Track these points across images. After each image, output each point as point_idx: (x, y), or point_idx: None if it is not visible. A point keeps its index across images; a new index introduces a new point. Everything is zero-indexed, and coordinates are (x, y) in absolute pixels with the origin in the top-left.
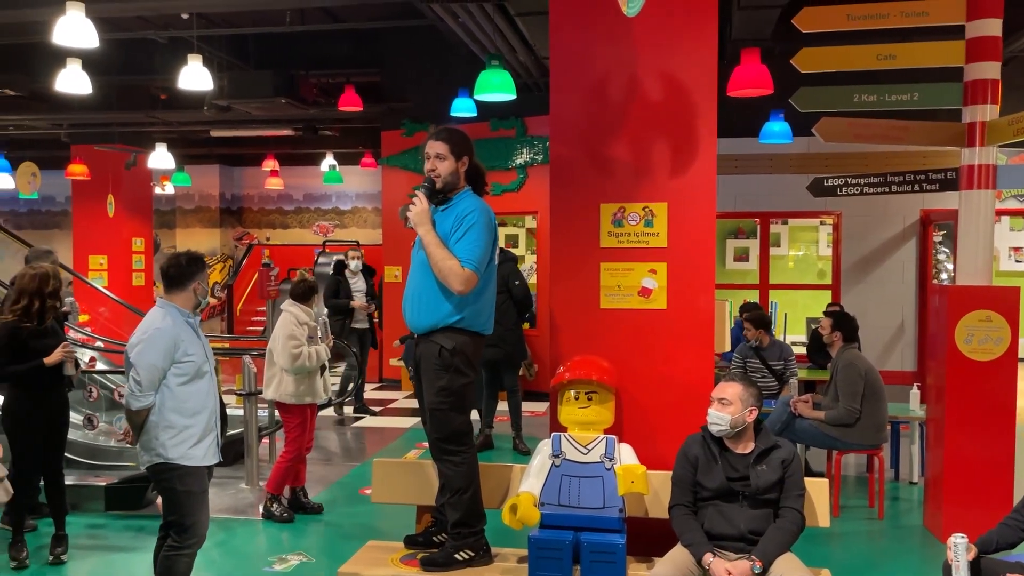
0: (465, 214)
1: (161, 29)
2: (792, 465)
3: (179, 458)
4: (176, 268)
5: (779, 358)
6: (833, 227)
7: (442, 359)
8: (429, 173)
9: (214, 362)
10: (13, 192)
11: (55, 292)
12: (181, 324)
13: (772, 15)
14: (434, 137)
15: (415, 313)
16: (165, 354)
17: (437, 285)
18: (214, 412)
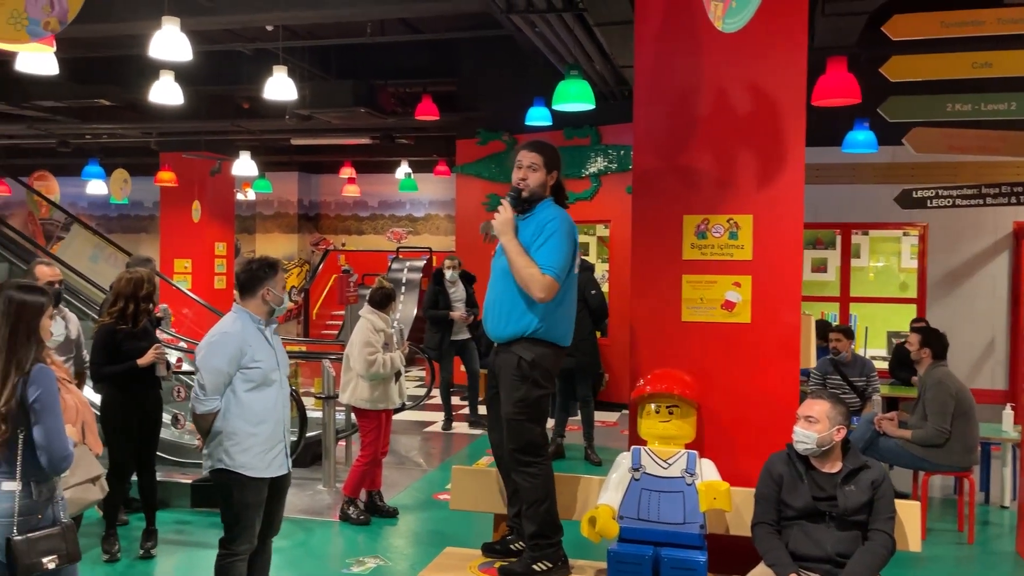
0: (546, 222)
1: (247, 41)
2: (883, 486)
3: (240, 467)
4: (247, 274)
5: (861, 374)
6: (919, 239)
7: (521, 370)
8: (519, 182)
9: (287, 371)
10: (105, 197)
11: (148, 296)
12: (251, 330)
13: (858, 22)
14: (528, 148)
15: (496, 322)
16: (229, 359)
17: (518, 294)
18: (282, 423)
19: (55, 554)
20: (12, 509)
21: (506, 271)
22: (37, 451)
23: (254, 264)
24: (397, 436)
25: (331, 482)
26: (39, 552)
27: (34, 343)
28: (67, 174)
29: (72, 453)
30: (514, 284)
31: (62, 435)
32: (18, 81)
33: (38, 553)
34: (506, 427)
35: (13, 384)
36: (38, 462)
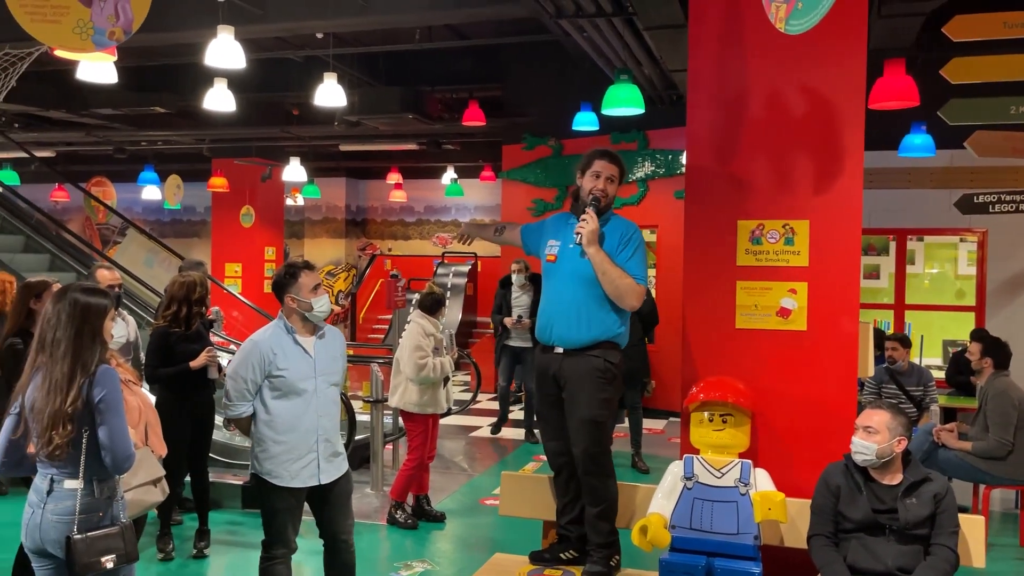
0: (630, 234)
1: (297, 48)
2: (946, 500)
3: (266, 474)
4: (273, 282)
5: (918, 384)
6: (978, 245)
7: (607, 374)
8: (598, 192)
9: (337, 379)
10: (159, 202)
11: (201, 299)
12: (281, 338)
13: (915, 23)
14: (608, 159)
15: (574, 328)
16: (250, 366)
17: (600, 301)
18: (314, 432)
19: (113, 553)
20: (74, 507)
21: (584, 277)
22: (101, 451)
23: (279, 271)
24: (442, 441)
25: (379, 486)
26: (98, 551)
27: (98, 344)
28: (122, 180)
29: (134, 453)
30: (594, 291)
31: (126, 435)
32: (78, 89)
33: (97, 552)
34: (584, 430)
35: (79, 385)
36: (101, 462)
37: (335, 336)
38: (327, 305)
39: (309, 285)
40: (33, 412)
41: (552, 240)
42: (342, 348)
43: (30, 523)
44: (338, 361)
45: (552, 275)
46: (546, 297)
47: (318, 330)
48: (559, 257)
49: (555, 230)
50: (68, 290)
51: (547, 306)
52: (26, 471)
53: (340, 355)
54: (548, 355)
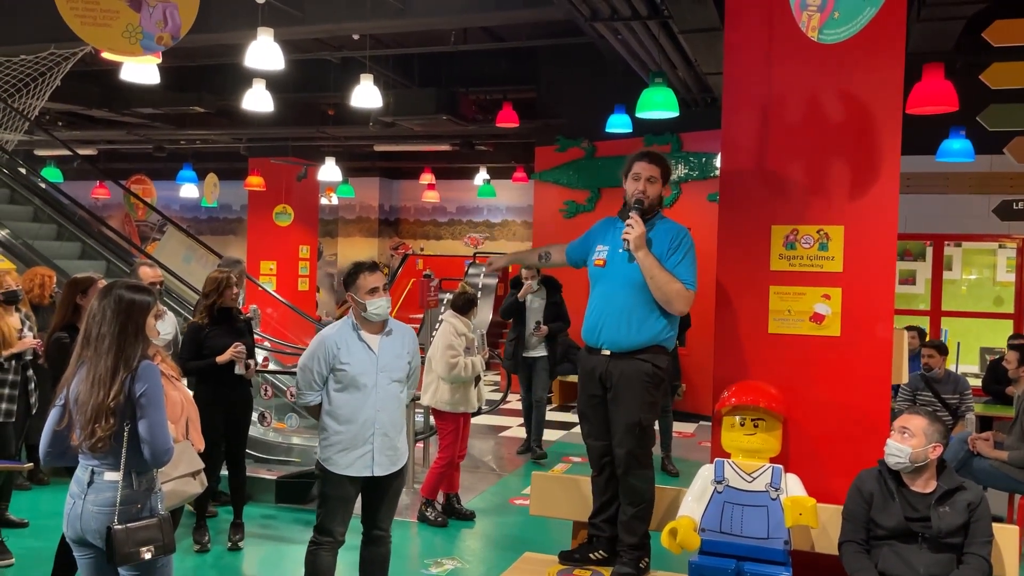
0: (680, 237)
1: (334, 49)
2: (980, 509)
3: (324, 461)
4: (343, 277)
5: (954, 391)
6: (1017, 251)
7: (655, 378)
8: (639, 194)
9: (400, 375)
10: (196, 200)
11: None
12: (346, 333)
13: (955, 27)
14: (648, 160)
15: (624, 332)
16: (316, 358)
17: (650, 305)
18: (372, 425)
19: (152, 544)
20: (114, 499)
21: (633, 282)
22: (141, 444)
23: (345, 270)
24: (472, 441)
25: (410, 483)
26: (137, 542)
27: (141, 340)
28: (161, 178)
29: (173, 447)
30: (643, 295)
31: (165, 430)
32: (119, 89)
33: (136, 543)
34: (630, 432)
35: (122, 380)
36: (141, 455)
37: (404, 335)
38: (383, 309)
39: (366, 287)
40: (77, 405)
41: (600, 245)
42: (411, 347)
43: (71, 513)
44: (403, 359)
45: (601, 279)
46: (595, 301)
47: (385, 327)
48: (608, 261)
49: (603, 235)
50: (113, 287)
51: (596, 309)
52: (69, 461)
53: (407, 353)
54: (595, 356)
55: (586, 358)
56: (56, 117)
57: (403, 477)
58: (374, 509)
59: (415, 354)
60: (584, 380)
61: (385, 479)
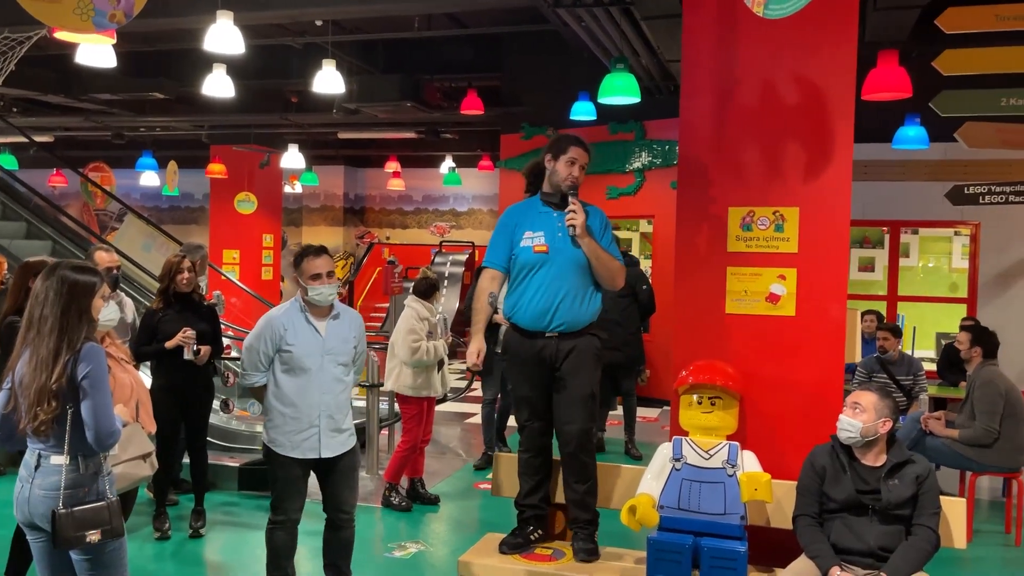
0: (605, 218)
1: (296, 35)
2: (927, 481)
3: (270, 442)
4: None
5: (908, 373)
6: (971, 238)
7: (602, 350)
8: (573, 180)
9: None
10: (157, 189)
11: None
12: (293, 315)
13: (910, 16)
14: (583, 147)
15: (576, 312)
16: (261, 338)
17: (593, 283)
18: (317, 407)
19: (98, 528)
20: (59, 483)
21: (580, 264)
22: (85, 427)
23: (296, 252)
24: (438, 427)
25: (374, 469)
26: (82, 526)
27: (85, 322)
28: (121, 166)
29: (118, 430)
30: (587, 275)
31: (109, 412)
32: (77, 74)
33: (82, 526)
34: (583, 406)
35: (64, 362)
36: (86, 438)
37: (352, 319)
38: (325, 295)
39: (310, 272)
40: (22, 388)
41: (529, 232)
42: (358, 331)
43: (20, 497)
44: (349, 343)
45: (546, 264)
46: (541, 285)
47: (332, 311)
48: (551, 247)
49: (527, 221)
50: (57, 267)
51: (545, 293)
52: (18, 445)
53: (353, 337)
54: (539, 340)
55: (526, 343)
56: (11, 103)
57: (355, 456)
58: (332, 492)
59: (361, 338)
60: (527, 365)
61: (335, 460)
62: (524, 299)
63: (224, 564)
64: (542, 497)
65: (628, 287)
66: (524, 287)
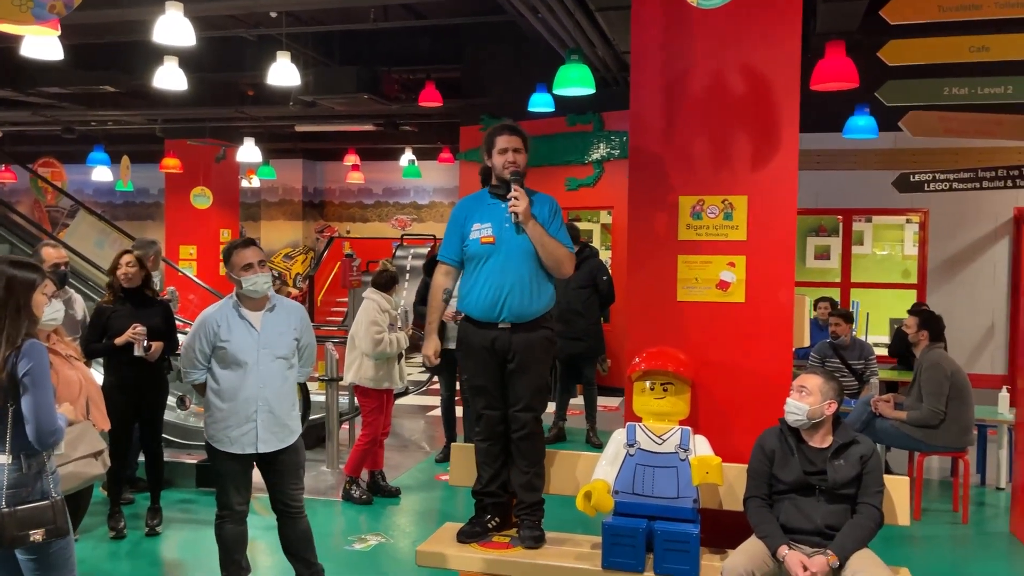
0: (555, 205)
1: (251, 27)
2: (871, 461)
3: (210, 439)
4: (222, 256)
5: (859, 357)
6: (920, 225)
7: (553, 340)
8: (512, 166)
9: (285, 352)
10: (111, 184)
11: (113, 272)
12: (227, 311)
13: (859, 7)
14: (508, 132)
15: (525, 302)
16: (196, 336)
17: (540, 274)
18: (253, 402)
19: (42, 528)
20: (1, 482)
21: (527, 253)
22: (26, 425)
23: (224, 247)
24: (400, 420)
25: (334, 463)
26: (26, 525)
27: (24, 318)
28: (72, 161)
29: (60, 428)
30: (535, 264)
31: (50, 410)
32: (23, 67)
33: (25, 526)
34: (537, 395)
35: (3, 358)
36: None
37: (291, 312)
38: (259, 285)
39: (240, 263)
40: None
41: (477, 224)
42: (298, 323)
43: None
44: (287, 336)
45: (493, 255)
46: (489, 276)
47: (268, 304)
48: (498, 237)
49: (476, 214)
50: None
51: (493, 284)
52: None
53: (291, 330)
54: (491, 331)
55: (477, 333)
56: None
57: (298, 453)
58: (276, 486)
59: (305, 330)
60: (478, 355)
61: (276, 456)
62: (474, 291)
63: (181, 562)
64: (500, 485)
65: (589, 277)
66: (474, 279)
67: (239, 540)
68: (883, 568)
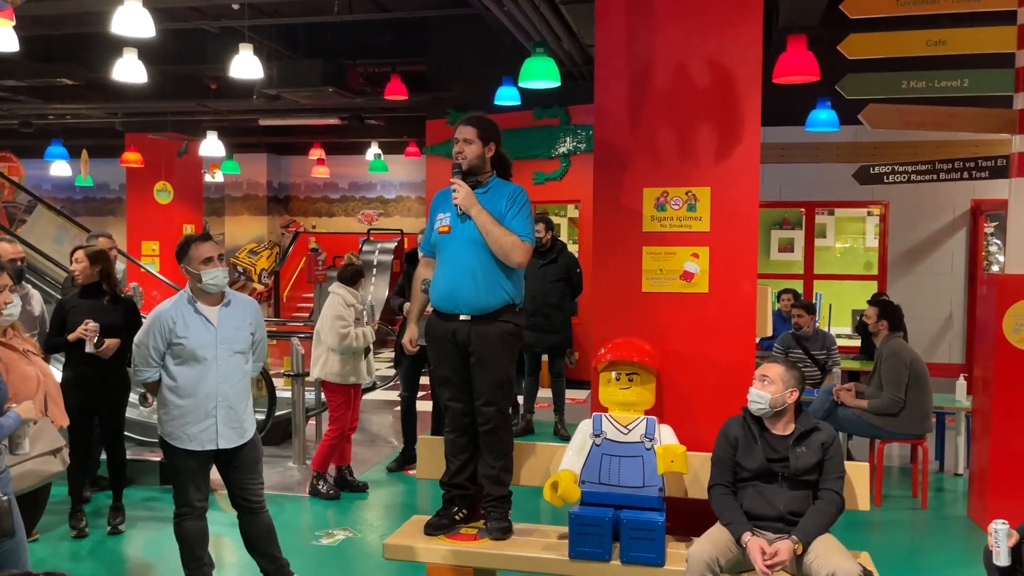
0: (516, 193)
1: (213, 19)
2: (832, 447)
3: (167, 436)
4: (174, 253)
5: (822, 348)
6: (880, 218)
7: (515, 334)
8: (456, 156)
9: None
10: (70, 179)
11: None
12: (181, 307)
13: (819, 2)
14: (463, 122)
15: (477, 293)
16: (150, 333)
17: (497, 264)
18: (214, 398)
19: None
20: None
21: (477, 241)
22: None
23: (178, 243)
24: (368, 415)
25: (301, 459)
26: None
27: None
28: (30, 156)
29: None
30: (487, 254)
31: None
32: None
33: None
34: (498, 390)
35: None
36: None
37: (245, 306)
38: (220, 278)
39: (200, 257)
40: None
41: (441, 214)
42: (253, 318)
43: None
44: (244, 330)
45: (447, 244)
46: (444, 266)
47: (224, 299)
48: (452, 227)
49: (442, 206)
50: None
51: (447, 274)
52: None
53: (247, 324)
54: (452, 322)
55: (439, 324)
56: None
57: (256, 448)
58: (236, 482)
59: (259, 325)
60: (441, 345)
61: (235, 451)
62: (435, 281)
63: (144, 560)
64: (468, 477)
65: (564, 270)
66: (437, 269)
67: (200, 536)
68: (844, 552)
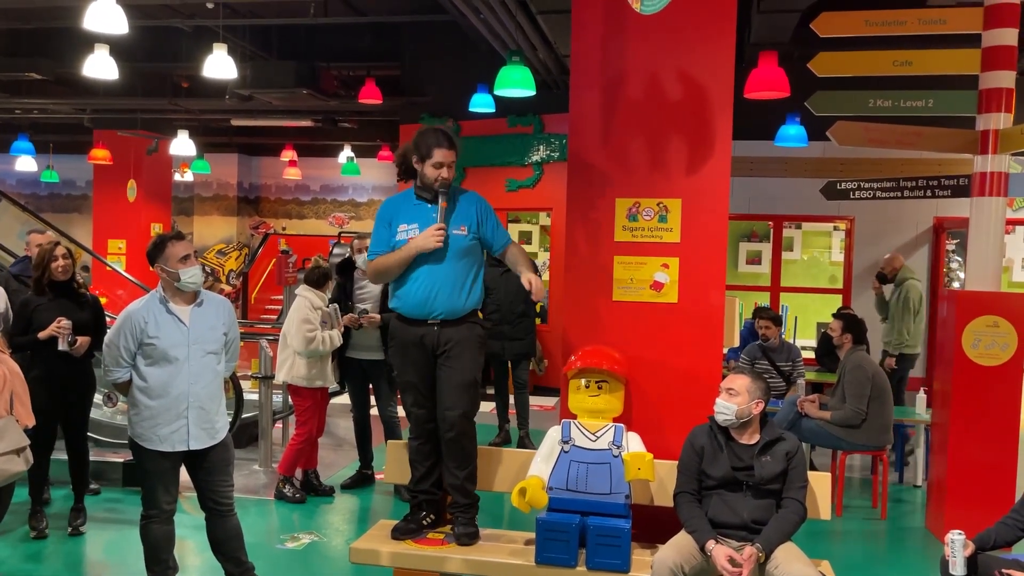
0: (483, 202)
1: (186, 17)
2: (796, 457)
3: (137, 437)
4: (146, 252)
5: (787, 359)
6: (846, 232)
7: (483, 337)
8: (444, 181)
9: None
10: (35, 175)
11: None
12: (153, 307)
13: (791, 20)
14: (448, 146)
15: (455, 299)
16: (121, 333)
17: (470, 271)
18: (186, 399)
19: None
20: None
21: (456, 252)
22: None
23: (153, 240)
24: (335, 420)
25: (267, 462)
26: None
27: None
28: None
29: None
30: (464, 262)
31: None
32: None
33: None
34: (465, 392)
35: None
36: None
37: (217, 305)
38: (197, 276)
39: (177, 255)
40: None
41: (404, 224)
42: (225, 318)
43: None
44: (217, 330)
45: (423, 255)
46: (419, 276)
47: (197, 299)
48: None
49: (405, 215)
50: None
51: (424, 283)
52: None
53: (220, 324)
54: (420, 327)
55: (406, 330)
56: None
57: (228, 450)
58: (206, 484)
59: (232, 326)
60: (408, 351)
61: (205, 453)
62: (404, 290)
63: (105, 563)
64: (434, 483)
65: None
66: (404, 278)
67: (166, 540)
68: (805, 560)
